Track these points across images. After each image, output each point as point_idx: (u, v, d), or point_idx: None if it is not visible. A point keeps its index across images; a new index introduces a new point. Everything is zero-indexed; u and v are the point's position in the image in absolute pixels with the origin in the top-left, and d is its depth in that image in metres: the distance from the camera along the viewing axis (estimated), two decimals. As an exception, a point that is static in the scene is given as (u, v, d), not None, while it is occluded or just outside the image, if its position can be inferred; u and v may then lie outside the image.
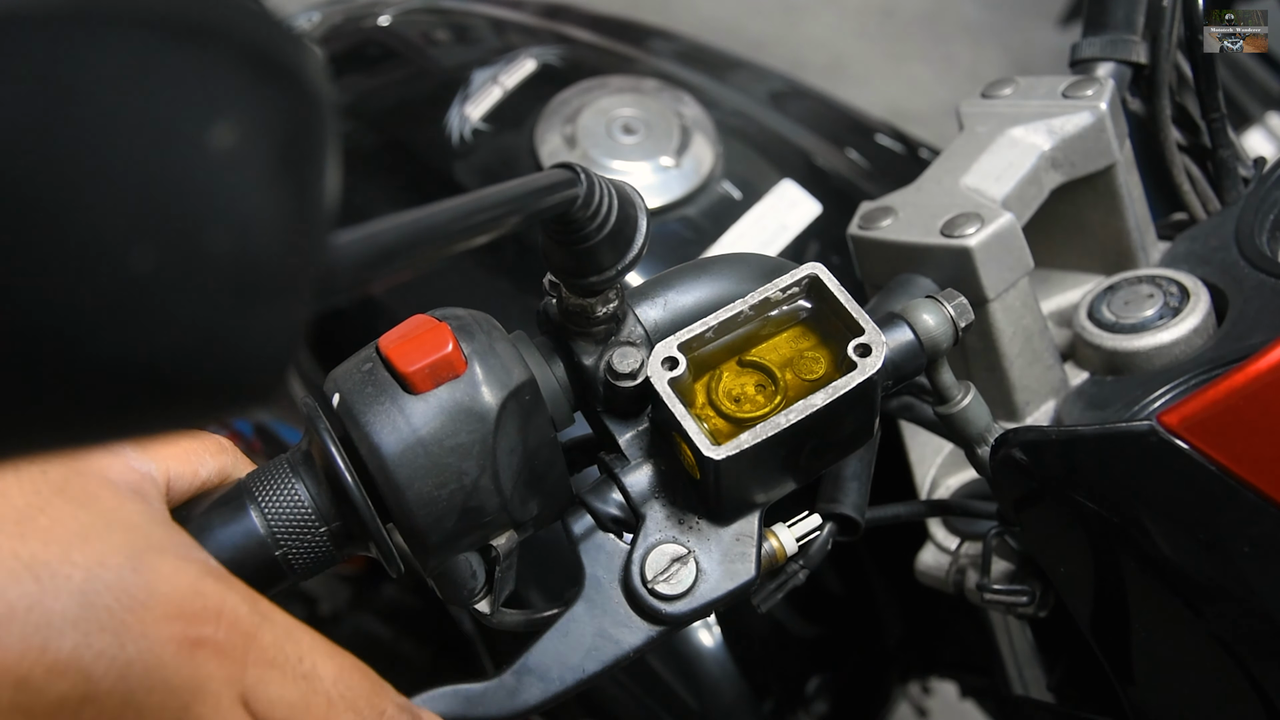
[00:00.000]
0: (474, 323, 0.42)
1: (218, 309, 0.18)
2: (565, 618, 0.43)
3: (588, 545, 0.44)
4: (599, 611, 0.43)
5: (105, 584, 0.31)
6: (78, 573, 0.31)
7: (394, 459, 0.39)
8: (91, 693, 0.30)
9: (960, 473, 0.68)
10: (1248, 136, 1.56)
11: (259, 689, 0.33)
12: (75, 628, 0.30)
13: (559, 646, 0.43)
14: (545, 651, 0.43)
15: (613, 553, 0.44)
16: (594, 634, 0.43)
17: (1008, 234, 0.57)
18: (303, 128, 0.18)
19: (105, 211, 0.16)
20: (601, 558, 0.44)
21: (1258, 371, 0.40)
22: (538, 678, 0.42)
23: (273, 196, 0.18)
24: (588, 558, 0.44)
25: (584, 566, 0.44)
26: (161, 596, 0.32)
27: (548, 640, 0.43)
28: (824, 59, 2.63)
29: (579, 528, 0.45)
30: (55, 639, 0.29)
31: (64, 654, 0.29)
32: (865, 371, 0.40)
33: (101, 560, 0.31)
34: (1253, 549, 0.41)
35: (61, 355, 0.16)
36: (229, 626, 0.33)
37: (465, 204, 0.29)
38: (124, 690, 0.30)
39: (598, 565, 0.44)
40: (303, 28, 1.07)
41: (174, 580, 0.32)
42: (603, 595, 0.43)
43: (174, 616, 0.32)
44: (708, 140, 0.88)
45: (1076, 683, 0.64)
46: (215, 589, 0.33)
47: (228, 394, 0.19)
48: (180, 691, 0.31)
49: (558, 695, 0.42)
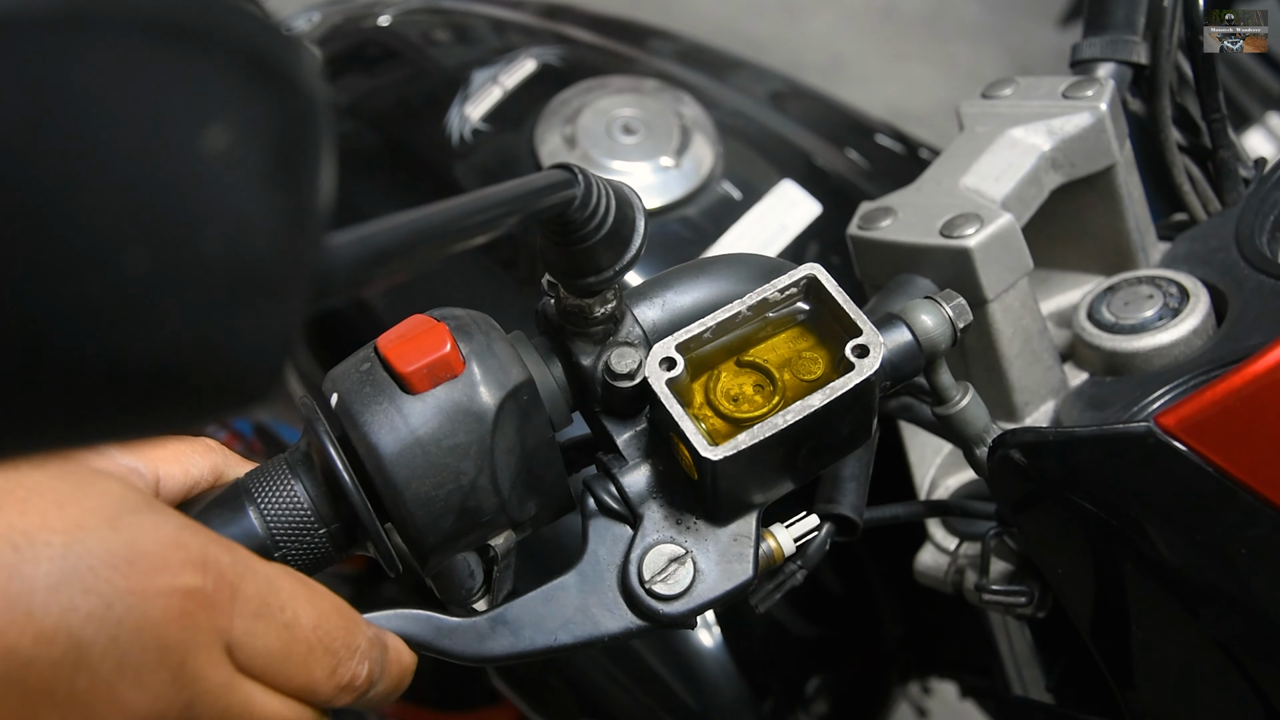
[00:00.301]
0: (472, 323, 0.42)
1: (212, 311, 0.18)
2: (555, 584, 0.43)
3: (597, 523, 0.44)
4: (589, 588, 0.43)
5: (86, 547, 0.30)
6: (56, 538, 0.30)
7: (392, 459, 0.39)
8: (84, 658, 0.29)
9: (959, 473, 0.68)
10: (1248, 136, 1.56)
11: (245, 640, 0.33)
12: (59, 593, 0.29)
13: (540, 609, 0.43)
14: (525, 609, 0.43)
15: (619, 537, 0.44)
16: (576, 608, 0.43)
17: (1007, 234, 0.57)
18: (297, 130, 0.18)
19: (99, 214, 0.16)
20: (608, 538, 0.44)
21: (1255, 373, 0.40)
22: (510, 631, 0.42)
23: (267, 199, 0.18)
24: (594, 534, 0.44)
25: (588, 541, 0.44)
26: (143, 551, 0.31)
27: (531, 599, 0.43)
28: (824, 59, 2.63)
29: (591, 504, 0.45)
30: (39, 606, 0.29)
31: (51, 620, 0.29)
32: (863, 372, 0.40)
33: (80, 524, 0.31)
34: (1250, 551, 0.41)
35: (56, 356, 0.16)
36: (215, 576, 0.33)
37: (462, 205, 0.29)
38: (117, 652, 0.30)
39: (602, 545, 0.44)
40: (302, 28, 1.07)
41: (154, 534, 0.32)
42: (597, 574, 0.43)
43: (159, 569, 0.31)
44: (708, 140, 0.88)
45: (1075, 683, 0.64)
46: (195, 540, 0.33)
47: (223, 395, 0.19)
48: (174, 648, 0.31)
49: (523, 654, 0.42)
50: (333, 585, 0.37)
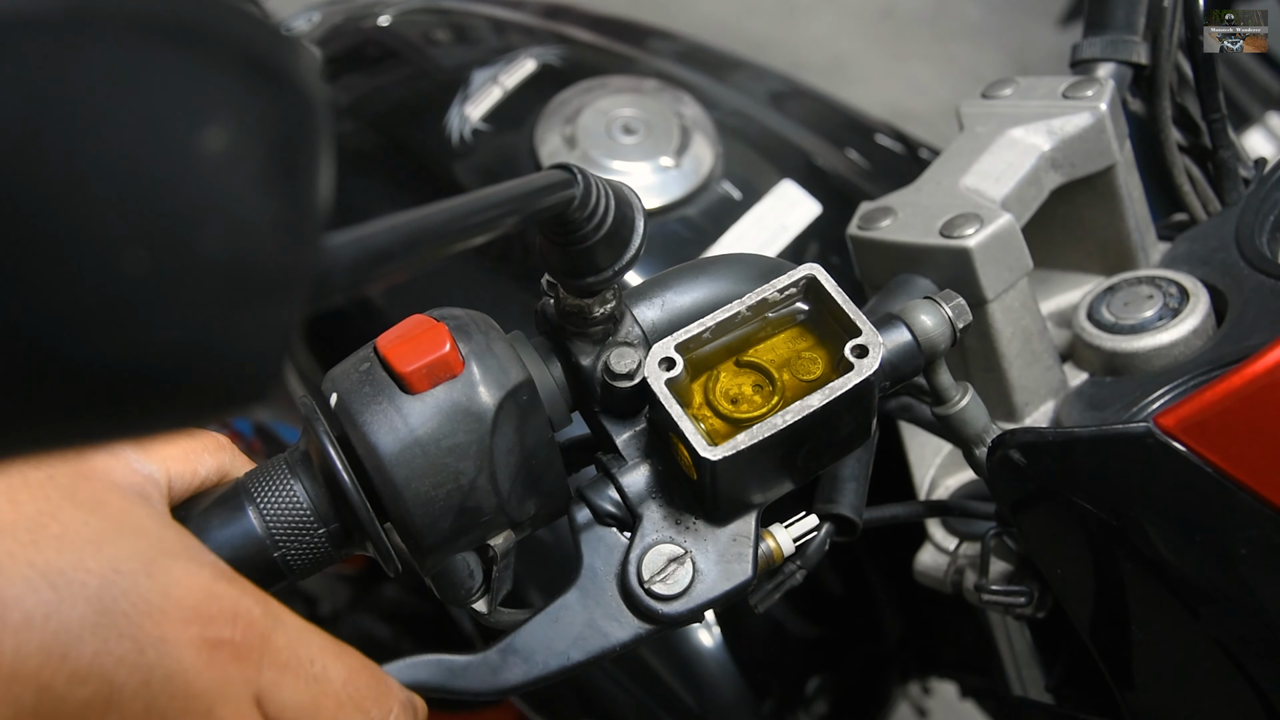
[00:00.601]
0: (471, 323, 0.42)
1: (211, 311, 0.18)
2: (558, 604, 0.43)
3: (588, 535, 0.44)
4: (592, 602, 0.43)
5: (121, 590, 0.31)
6: (93, 579, 0.31)
7: (391, 459, 0.39)
8: (115, 699, 0.30)
9: (959, 473, 0.68)
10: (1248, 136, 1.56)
11: (273, 692, 0.34)
12: (94, 634, 0.30)
13: (547, 631, 0.43)
14: (533, 634, 0.43)
15: (612, 545, 0.44)
16: (584, 624, 0.43)
17: (1007, 235, 0.57)
18: (295, 130, 0.18)
19: (98, 215, 0.16)
20: (601, 549, 0.44)
21: (1255, 374, 0.40)
22: (522, 659, 0.42)
23: (265, 199, 0.18)
24: (587, 548, 0.44)
25: (582, 556, 0.44)
26: (177, 600, 0.32)
27: (537, 624, 0.43)
28: (824, 59, 2.63)
29: (581, 517, 0.45)
30: (75, 646, 0.29)
31: (84, 661, 0.29)
32: (862, 372, 0.40)
33: (115, 566, 0.31)
34: (1250, 551, 0.41)
35: (56, 357, 0.16)
36: (245, 628, 0.33)
37: (461, 205, 0.29)
38: (147, 696, 0.30)
39: (596, 556, 0.44)
40: (302, 28, 1.07)
41: (188, 584, 0.33)
42: (597, 586, 0.43)
43: (191, 620, 0.32)
44: (708, 140, 0.88)
45: (1075, 683, 0.64)
46: (229, 592, 0.33)
47: (222, 395, 0.19)
48: (203, 696, 0.31)
49: (539, 679, 0.42)
50: (332, 585, 0.37)
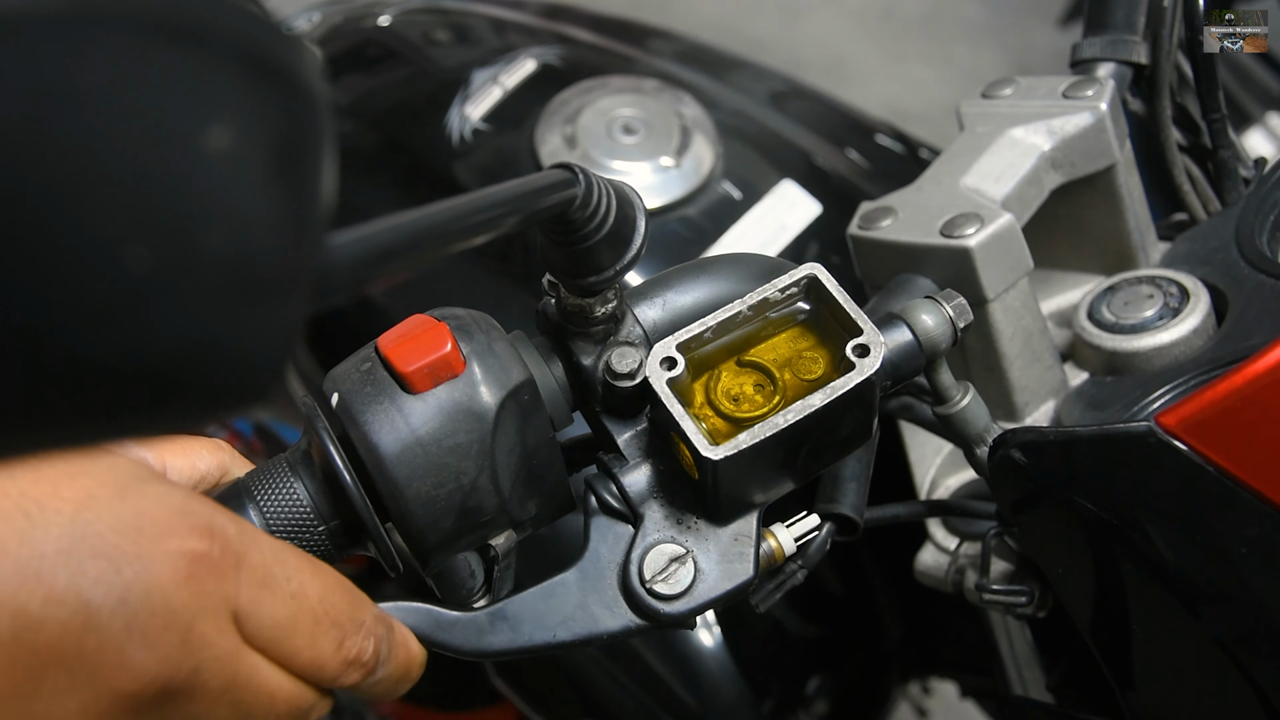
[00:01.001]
0: (473, 322, 0.42)
1: (213, 310, 0.18)
2: (555, 580, 0.43)
3: (599, 521, 0.44)
4: (589, 586, 0.43)
5: (95, 514, 0.31)
6: (67, 505, 0.31)
7: (392, 459, 0.39)
8: (93, 619, 0.30)
9: (960, 473, 0.68)
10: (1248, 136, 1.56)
11: (251, 609, 0.34)
12: (69, 557, 0.30)
13: (540, 605, 0.43)
14: (525, 604, 0.43)
15: (620, 535, 0.44)
16: (576, 605, 0.43)
17: (1007, 234, 0.57)
18: (298, 129, 0.18)
19: (101, 214, 0.16)
20: (609, 537, 0.44)
21: (1255, 373, 0.40)
22: (510, 626, 0.42)
23: (268, 198, 0.18)
24: (596, 532, 0.44)
25: (590, 539, 0.44)
26: (151, 518, 0.32)
27: (531, 595, 0.43)
28: (824, 59, 2.63)
29: (593, 502, 0.45)
30: (49, 569, 0.30)
31: (60, 583, 0.30)
32: (863, 372, 0.40)
33: (89, 493, 0.32)
34: (1251, 550, 0.41)
35: (57, 356, 0.16)
36: (221, 544, 0.33)
37: (462, 205, 0.29)
38: (125, 614, 0.31)
39: (603, 542, 0.44)
40: (302, 28, 1.07)
41: (161, 502, 0.33)
42: (598, 572, 0.43)
43: (166, 534, 0.32)
44: (708, 140, 0.88)
45: (1076, 683, 0.64)
46: (203, 509, 0.34)
47: (224, 394, 0.19)
48: (181, 611, 0.32)
49: (522, 649, 0.42)
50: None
